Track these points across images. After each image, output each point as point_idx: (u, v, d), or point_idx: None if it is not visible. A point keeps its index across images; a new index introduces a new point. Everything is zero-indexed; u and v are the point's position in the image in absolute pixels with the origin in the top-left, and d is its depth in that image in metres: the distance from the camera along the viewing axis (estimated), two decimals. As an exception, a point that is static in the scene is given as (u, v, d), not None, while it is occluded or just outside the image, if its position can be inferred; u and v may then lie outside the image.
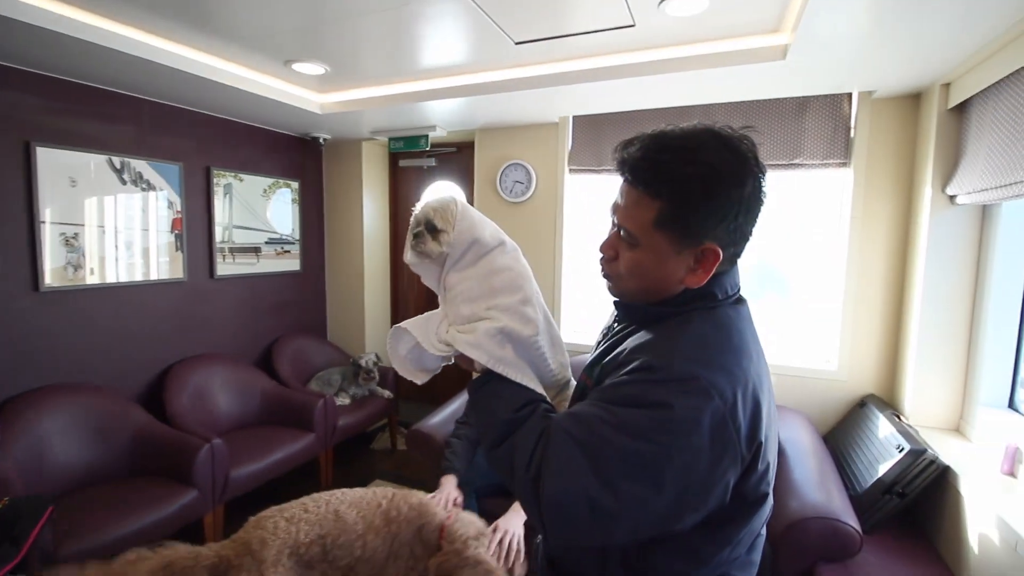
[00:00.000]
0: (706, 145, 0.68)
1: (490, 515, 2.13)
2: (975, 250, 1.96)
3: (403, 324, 0.92)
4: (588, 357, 1.17)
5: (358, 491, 1.46)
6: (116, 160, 2.50)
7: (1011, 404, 1.85)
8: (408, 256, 0.94)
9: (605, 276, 0.83)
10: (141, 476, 2.23)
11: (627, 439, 0.63)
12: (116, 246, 2.53)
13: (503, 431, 0.75)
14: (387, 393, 3.31)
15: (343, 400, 3.15)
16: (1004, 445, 1.64)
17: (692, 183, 0.67)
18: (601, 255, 0.82)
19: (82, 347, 2.41)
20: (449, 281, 0.91)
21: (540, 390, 0.85)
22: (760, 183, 0.70)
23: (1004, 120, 1.63)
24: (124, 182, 2.55)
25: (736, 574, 0.75)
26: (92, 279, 2.43)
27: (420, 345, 0.89)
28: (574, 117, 2.86)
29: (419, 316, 0.93)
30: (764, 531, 0.80)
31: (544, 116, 2.84)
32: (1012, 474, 1.62)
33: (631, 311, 0.81)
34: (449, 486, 1.97)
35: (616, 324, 0.88)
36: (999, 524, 1.41)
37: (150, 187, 2.66)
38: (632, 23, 1.79)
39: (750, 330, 0.75)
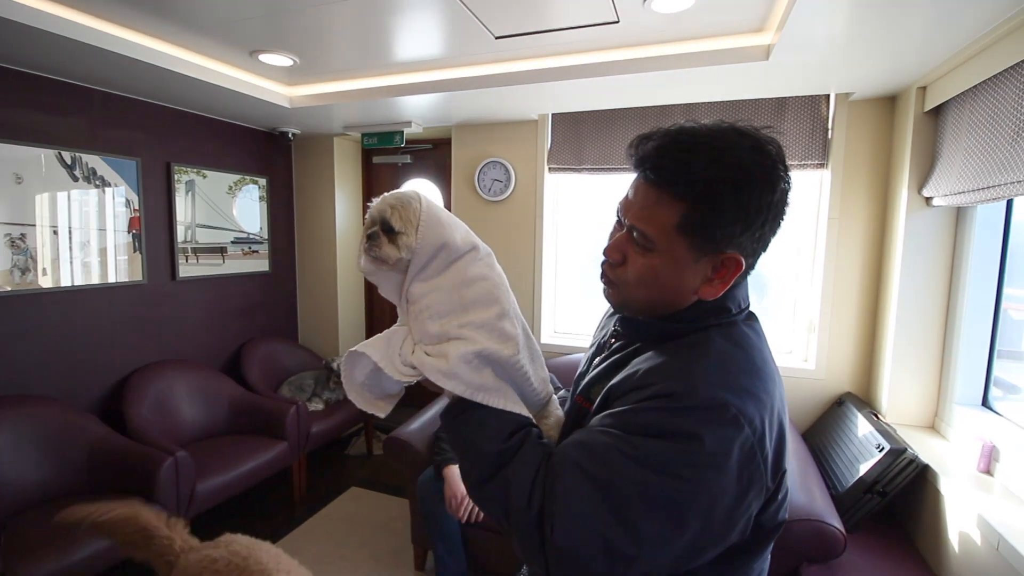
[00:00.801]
0: (737, 146, 0.63)
1: (475, 525, 2.08)
2: (950, 251, 2.00)
3: (359, 347, 0.77)
4: (578, 366, 1.11)
5: (283, 565, 1.35)
6: (66, 155, 2.34)
7: (985, 402, 1.89)
8: (361, 262, 0.80)
9: (608, 283, 0.74)
10: (99, 493, 2.09)
11: (649, 474, 0.57)
12: (70, 247, 2.37)
13: (492, 465, 0.67)
14: (362, 397, 3.21)
15: (316, 405, 3.04)
16: (980, 443, 1.68)
17: (722, 185, 0.62)
18: (604, 259, 0.73)
19: (32, 355, 2.25)
20: (413, 293, 0.79)
21: (526, 413, 0.76)
22: (788, 189, 0.66)
23: (981, 124, 1.66)
24: (76, 178, 2.38)
25: None
26: (44, 282, 2.27)
27: (380, 369, 0.76)
28: (553, 115, 2.81)
29: (378, 336, 0.80)
30: (769, 557, 0.76)
31: (523, 113, 2.78)
32: (989, 472, 1.65)
33: (639, 328, 0.75)
34: (454, 480, 1.96)
35: (614, 340, 0.81)
36: (979, 523, 1.43)
37: (105, 184, 2.49)
38: (617, 19, 1.74)
39: (767, 349, 0.71)
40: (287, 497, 2.83)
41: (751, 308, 0.76)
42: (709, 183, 0.62)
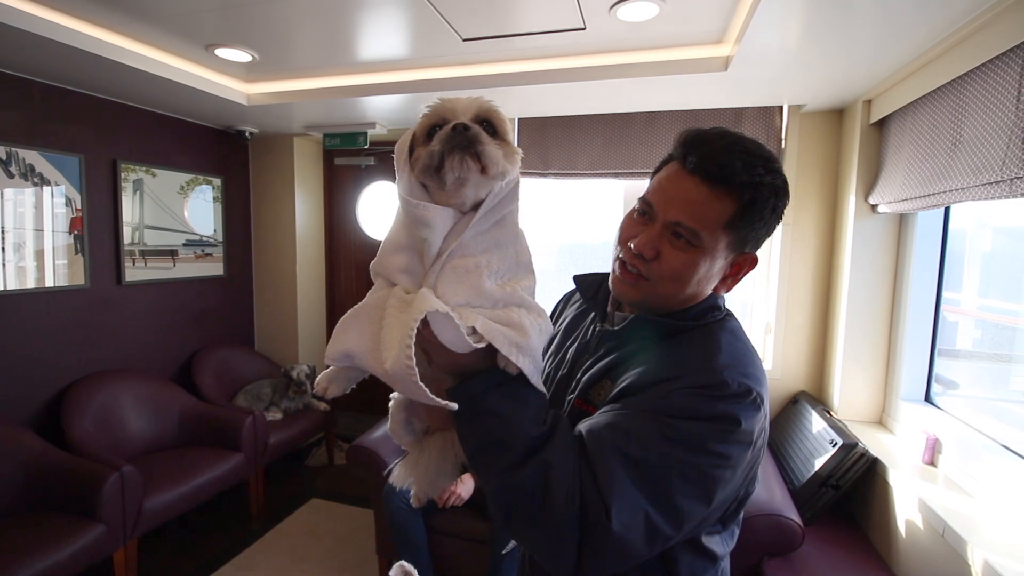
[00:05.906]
0: (776, 160, 0.71)
1: (442, 532, 2.04)
2: (894, 256, 2.12)
3: (439, 306, 0.56)
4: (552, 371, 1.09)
5: None
6: (1, 150, 2.18)
7: (927, 398, 2.01)
8: (420, 171, 0.59)
9: (633, 279, 0.72)
10: (37, 512, 1.94)
11: (686, 453, 0.61)
12: (3, 249, 2.21)
13: (530, 446, 0.59)
14: (323, 405, 3.12)
15: (274, 415, 2.93)
16: (924, 436, 1.77)
17: (769, 192, 0.69)
18: (637, 254, 0.70)
19: (-43, 366, 2.08)
20: (468, 243, 0.59)
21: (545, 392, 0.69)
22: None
23: (920, 136, 1.77)
24: (11, 175, 2.22)
25: (727, 566, 0.80)
26: (-30, 287, 2.11)
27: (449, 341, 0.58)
28: (520, 119, 2.82)
29: (416, 295, 0.59)
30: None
31: (489, 117, 2.78)
32: (933, 463, 1.75)
33: (650, 326, 0.74)
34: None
35: (599, 339, 0.80)
36: (925, 512, 1.52)
37: (44, 181, 2.34)
38: (583, 26, 1.77)
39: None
40: (244, 511, 2.71)
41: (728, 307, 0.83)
42: (762, 188, 0.68)
